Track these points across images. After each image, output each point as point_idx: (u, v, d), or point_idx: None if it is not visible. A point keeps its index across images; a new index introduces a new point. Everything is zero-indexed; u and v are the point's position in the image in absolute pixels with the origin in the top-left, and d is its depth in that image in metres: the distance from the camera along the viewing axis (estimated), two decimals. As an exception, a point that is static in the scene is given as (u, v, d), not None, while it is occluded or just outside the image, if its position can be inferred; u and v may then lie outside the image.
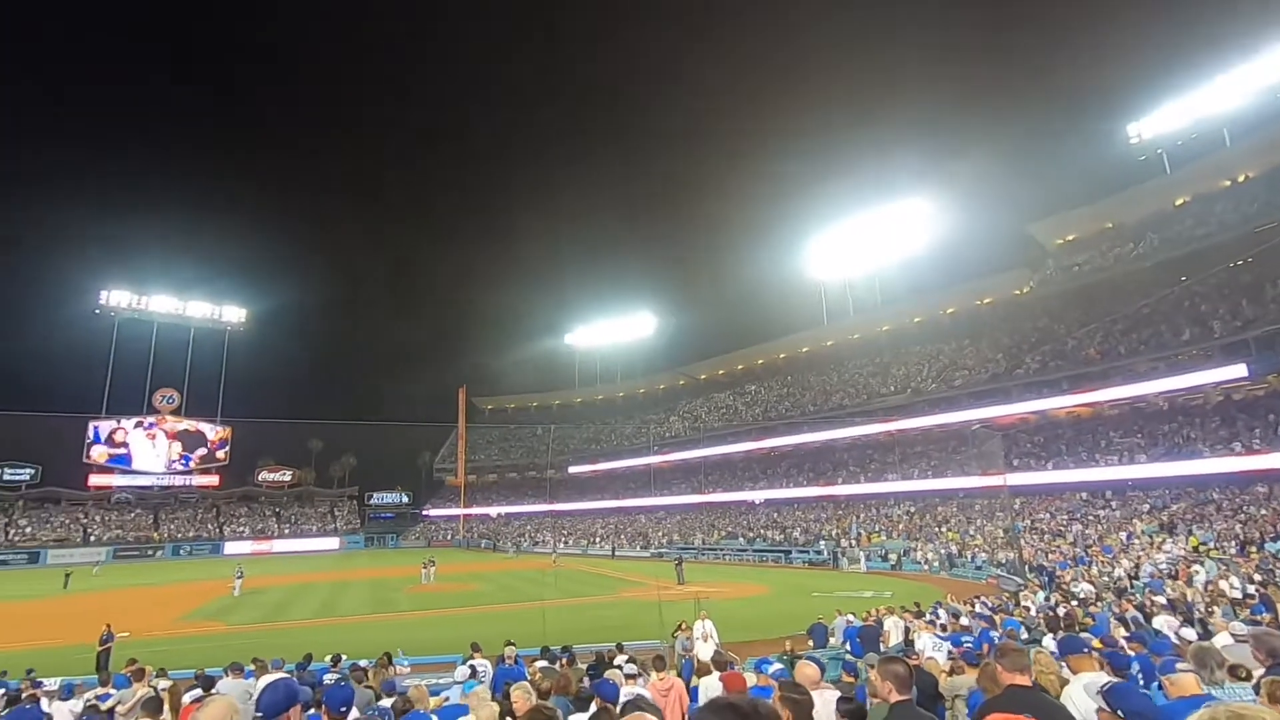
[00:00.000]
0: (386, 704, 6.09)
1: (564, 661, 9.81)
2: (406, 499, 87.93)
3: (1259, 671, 4.32)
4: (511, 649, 9.74)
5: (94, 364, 68.48)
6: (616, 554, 53.58)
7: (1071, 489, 33.35)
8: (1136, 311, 35.78)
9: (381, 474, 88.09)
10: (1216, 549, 22.97)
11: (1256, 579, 17.41)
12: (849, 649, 11.88)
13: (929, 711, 4.04)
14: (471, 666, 8.49)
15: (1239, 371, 28.52)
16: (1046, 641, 9.43)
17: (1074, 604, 15.27)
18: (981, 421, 38.21)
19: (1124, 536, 27.03)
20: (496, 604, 26.90)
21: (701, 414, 68.43)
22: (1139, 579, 20.80)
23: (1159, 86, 40.84)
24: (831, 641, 13.19)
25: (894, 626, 12.76)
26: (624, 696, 4.86)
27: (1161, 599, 14.99)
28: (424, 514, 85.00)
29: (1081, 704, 3.74)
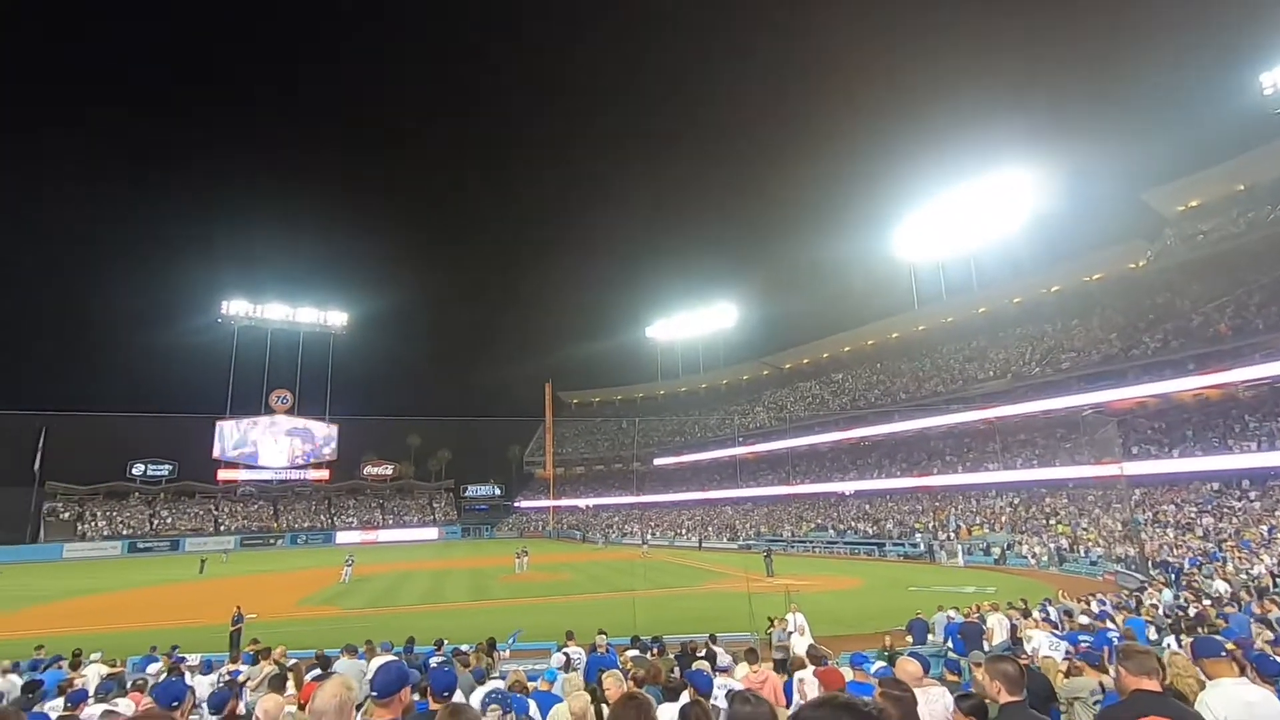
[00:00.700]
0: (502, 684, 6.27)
1: (654, 651, 9.93)
2: (499, 491, 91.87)
3: None
4: (603, 638, 9.98)
5: (217, 368, 75.61)
6: (703, 545, 53.67)
7: (1201, 478, 30.57)
8: (1275, 281, 32.17)
9: (475, 467, 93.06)
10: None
11: None
12: (950, 646, 11.39)
13: (1043, 715, 3.82)
14: (565, 654, 8.73)
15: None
16: (1172, 642, 8.70)
17: (1206, 604, 13.95)
18: (1093, 406, 35.42)
19: (1265, 530, 24.58)
20: (587, 593, 27.54)
21: (787, 404, 67.28)
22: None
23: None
24: (931, 638, 12.67)
25: (998, 624, 12.06)
26: (717, 688, 4.83)
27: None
28: (516, 505, 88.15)
29: (1221, 712, 3.42)
